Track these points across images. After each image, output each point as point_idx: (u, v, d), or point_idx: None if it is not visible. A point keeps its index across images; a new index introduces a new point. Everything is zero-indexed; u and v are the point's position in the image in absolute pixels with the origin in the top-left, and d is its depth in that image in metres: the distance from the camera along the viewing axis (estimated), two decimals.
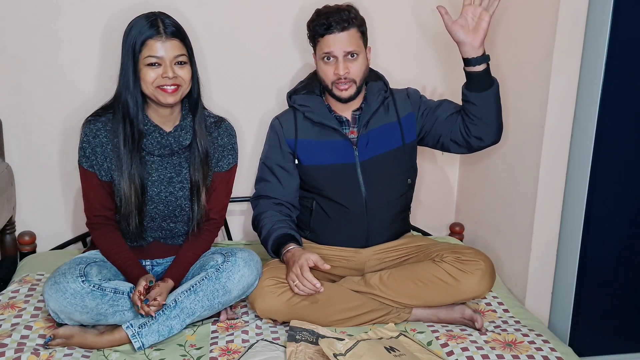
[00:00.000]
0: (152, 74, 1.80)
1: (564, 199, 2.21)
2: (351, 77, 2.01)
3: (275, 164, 2.12)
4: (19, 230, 2.35)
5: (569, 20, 2.04)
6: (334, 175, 2.08)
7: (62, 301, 1.75)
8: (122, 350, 1.78)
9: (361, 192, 2.08)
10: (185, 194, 1.93)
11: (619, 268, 2.28)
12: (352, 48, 1.98)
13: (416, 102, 2.17)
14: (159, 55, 1.79)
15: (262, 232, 2.06)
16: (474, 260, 1.99)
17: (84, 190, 1.93)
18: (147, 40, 1.78)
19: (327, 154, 2.08)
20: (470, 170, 2.63)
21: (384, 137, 2.10)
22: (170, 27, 1.81)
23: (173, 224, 1.97)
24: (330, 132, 2.09)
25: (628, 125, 2.15)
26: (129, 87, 1.82)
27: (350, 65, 2.00)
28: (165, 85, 1.81)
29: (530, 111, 2.19)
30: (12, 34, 2.23)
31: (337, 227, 2.11)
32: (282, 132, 2.12)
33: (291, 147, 2.11)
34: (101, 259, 1.92)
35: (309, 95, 2.13)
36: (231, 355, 1.75)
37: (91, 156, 1.88)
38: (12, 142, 2.30)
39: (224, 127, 2.01)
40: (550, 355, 1.78)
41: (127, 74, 1.81)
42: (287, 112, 2.17)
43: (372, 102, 2.11)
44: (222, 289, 1.85)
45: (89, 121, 1.90)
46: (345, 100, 2.05)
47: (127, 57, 1.81)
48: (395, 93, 2.18)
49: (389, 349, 1.71)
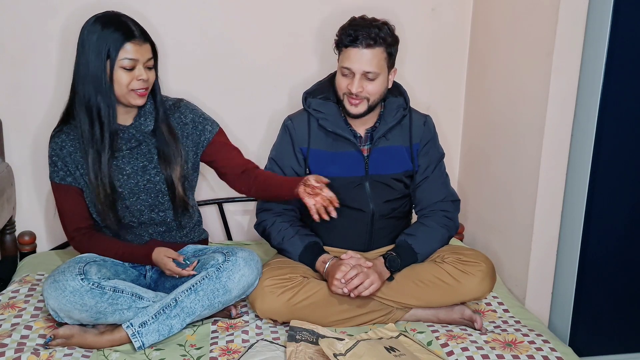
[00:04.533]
0: (127, 77, 1.81)
1: (564, 199, 2.21)
2: (364, 95, 1.96)
3: (289, 166, 2.09)
4: (19, 230, 2.35)
5: (569, 20, 2.04)
6: (342, 186, 2.03)
7: (61, 299, 1.75)
8: (122, 350, 1.78)
9: (368, 204, 2.07)
10: (162, 177, 1.94)
11: (619, 268, 2.28)
12: (371, 69, 1.92)
13: (427, 136, 2.13)
14: (135, 58, 1.80)
15: (283, 239, 2.04)
16: (475, 261, 1.99)
17: (60, 207, 1.95)
18: (125, 43, 1.79)
19: (338, 167, 2.05)
20: (470, 171, 2.63)
21: (395, 158, 2.08)
22: (142, 31, 1.83)
23: (162, 212, 1.97)
24: (343, 142, 2.05)
25: (628, 125, 2.15)
26: (101, 90, 1.80)
27: (366, 85, 1.95)
28: (139, 88, 1.83)
29: (530, 111, 2.19)
30: (12, 33, 2.23)
31: (341, 231, 2.10)
32: (296, 136, 2.08)
33: (304, 154, 2.08)
34: (101, 259, 1.93)
35: (326, 102, 2.06)
36: (231, 355, 1.75)
37: (63, 168, 1.91)
38: (12, 142, 2.30)
39: (183, 106, 2.01)
40: (550, 355, 1.78)
41: (99, 77, 1.80)
42: (301, 115, 2.11)
43: (388, 119, 2.06)
44: (222, 288, 1.85)
45: (53, 136, 1.93)
46: (353, 115, 2.00)
47: (99, 59, 1.79)
48: (414, 114, 2.13)
49: (389, 349, 1.71)
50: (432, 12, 2.52)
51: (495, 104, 2.42)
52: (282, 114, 2.21)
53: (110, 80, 1.80)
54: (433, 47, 2.56)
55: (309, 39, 2.44)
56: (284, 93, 2.46)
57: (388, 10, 2.40)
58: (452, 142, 2.65)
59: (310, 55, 2.45)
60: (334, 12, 2.37)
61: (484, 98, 2.50)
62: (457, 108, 2.66)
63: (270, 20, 2.41)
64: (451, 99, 2.64)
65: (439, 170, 2.15)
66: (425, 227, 2.07)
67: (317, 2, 2.41)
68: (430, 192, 2.13)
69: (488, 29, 2.45)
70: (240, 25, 2.39)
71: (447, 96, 2.63)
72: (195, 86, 2.34)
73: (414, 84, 2.44)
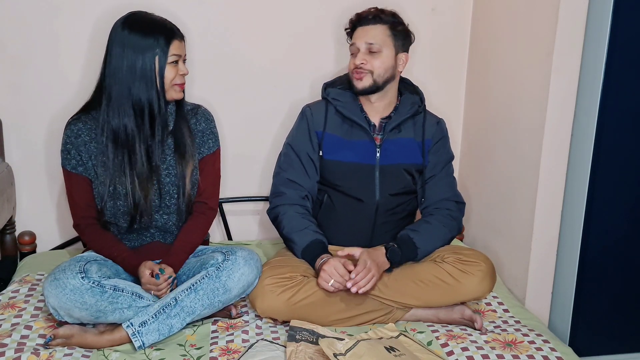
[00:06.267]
0: (173, 72, 1.89)
1: (564, 199, 2.21)
2: (367, 67, 2.04)
3: (304, 151, 2.13)
4: (19, 230, 2.35)
5: (569, 20, 2.04)
6: (352, 173, 2.09)
7: (61, 297, 1.75)
8: (123, 350, 1.78)
9: (375, 194, 2.09)
10: (171, 179, 1.95)
11: (619, 268, 2.28)
12: (373, 40, 2.03)
13: (439, 135, 2.19)
14: (179, 53, 1.89)
15: (293, 229, 2.05)
16: (475, 261, 1.99)
17: (69, 193, 1.96)
18: (173, 40, 1.86)
19: (350, 152, 2.10)
20: (470, 171, 2.63)
21: (406, 150, 2.13)
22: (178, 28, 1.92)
23: (166, 215, 1.97)
24: (357, 130, 2.11)
25: (628, 125, 2.15)
26: (153, 88, 1.86)
27: (370, 58, 2.04)
28: (181, 82, 1.92)
29: (530, 111, 2.19)
30: (12, 34, 2.23)
31: (344, 224, 2.12)
32: (313, 121, 2.14)
33: (318, 137, 2.12)
34: (101, 258, 1.93)
35: (344, 91, 2.15)
36: (231, 355, 1.75)
37: (76, 156, 1.91)
38: (12, 142, 2.30)
39: (200, 113, 2.04)
40: (550, 355, 1.78)
41: (149, 75, 1.84)
42: (319, 103, 2.18)
43: (403, 111, 2.13)
44: (222, 288, 1.85)
45: (70, 123, 1.93)
46: (359, 91, 2.07)
47: (147, 57, 1.83)
48: (428, 114, 2.21)
49: (389, 349, 1.71)
50: (432, 12, 2.52)
51: (495, 104, 2.42)
52: (282, 115, 2.22)
53: (161, 77, 1.86)
54: (433, 47, 2.56)
55: (311, 39, 2.44)
56: (283, 93, 2.46)
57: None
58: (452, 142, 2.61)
59: (311, 55, 2.45)
60: (336, 13, 2.38)
61: (484, 98, 2.50)
62: (457, 108, 2.66)
63: (271, 20, 2.41)
64: (451, 99, 2.64)
65: (446, 171, 2.20)
66: (428, 225, 2.09)
67: (319, 3, 2.41)
68: (435, 191, 2.16)
69: (488, 29, 2.45)
70: (241, 25, 2.39)
71: (447, 96, 2.63)
72: (195, 86, 2.34)
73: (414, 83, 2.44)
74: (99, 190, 1.91)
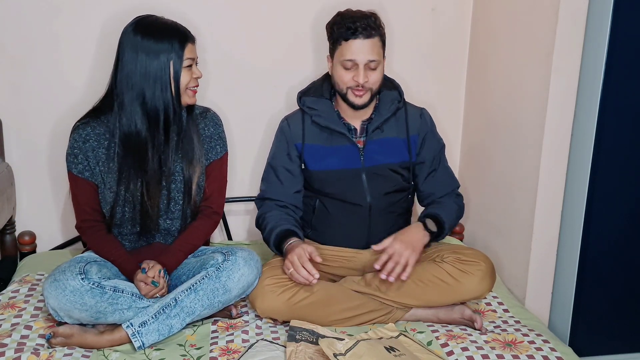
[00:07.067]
0: (188, 76, 1.86)
1: (564, 199, 2.21)
2: (369, 86, 1.99)
3: (281, 165, 2.11)
4: (19, 230, 2.35)
5: (569, 20, 2.04)
6: (339, 179, 2.07)
7: (61, 298, 1.75)
8: (122, 350, 1.78)
9: (366, 196, 2.08)
10: (177, 185, 1.94)
11: (619, 268, 2.28)
12: (375, 57, 1.96)
13: (425, 128, 2.15)
14: (193, 57, 1.87)
15: (266, 229, 2.06)
16: (475, 261, 1.99)
17: (74, 196, 1.95)
18: (187, 44, 1.84)
19: (334, 159, 2.07)
20: (470, 170, 2.63)
21: (390, 149, 2.10)
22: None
23: (170, 220, 1.97)
24: (337, 137, 2.08)
25: (628, 125, 2.15)
26: (169, 92, 1.83)
27: (370, 74, 1.98)
28: (195, 86, 1.90)
29: (530, 111, 2.19)
30: (12, 34, 2.23)
31: (339, 226, 2.11)
32: (290, 134, 2.11)
33: (298, 150, 2.10)
34: (101, 259, 1.93)
35: (318, 99, 2.10)
36: (231, 355, 1.75)
37: (83, 161, 1.90)
38: (12, 142, 2.30)
39: (209, 117, 2.03)
40: (550, 355, 1.78)
41: (164, 79, 1.82)
42: (296, 114, 2.15)
43: (383, 111, 2.09)
44: (222, 288, 1.85)
45: (78, 127, 1.91)
46: (358, 107, 2.03)
47: (162, 61, 1.80)
48: (409, 107, 2.16)
49: (389, 349, 1.71)
50: (432, 12, 2.52)
51: (495, 104, 2.42)
52: (282, 114, 2.22)
53: (176, 81, 1.83)
54: (433, 47, 2.55)
55: (310, 40, 2.44)
56: (283, 93, 2.45)
57: (388, 10, 2.41)
58: (452, 142, 2.65)
59: (311, 55, 2.45)
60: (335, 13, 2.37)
61: (484, 98, 2.50)
62: (457, 108, 2.66)
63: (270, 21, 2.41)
64: (451, 99, 2.64)
65: (443, 162, 2.20)
66: (442, 205, 2.12)
67: (317, 3, 2.40)
68: (437, 185, 2.16)
69: (488, 29, 2.45)
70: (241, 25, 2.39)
71: (447, 96, 2.63)
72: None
73: (413, 83, 2.44)
74: (106, 195, 1.90)
